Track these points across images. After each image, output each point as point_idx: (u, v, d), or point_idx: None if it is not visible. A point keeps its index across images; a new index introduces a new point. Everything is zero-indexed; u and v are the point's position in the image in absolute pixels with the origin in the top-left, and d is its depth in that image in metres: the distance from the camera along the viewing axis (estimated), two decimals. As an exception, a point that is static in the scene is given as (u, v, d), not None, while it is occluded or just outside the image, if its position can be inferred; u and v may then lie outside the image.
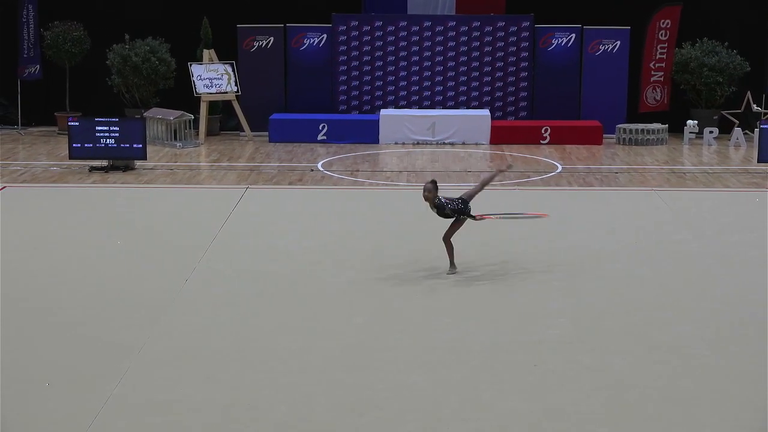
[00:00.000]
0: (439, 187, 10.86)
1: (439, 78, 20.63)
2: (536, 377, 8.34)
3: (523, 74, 20.52)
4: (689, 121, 19.89)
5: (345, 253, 11.91)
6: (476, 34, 20.46)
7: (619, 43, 20.33)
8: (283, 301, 10.25)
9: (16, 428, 7.39)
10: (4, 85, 20.74)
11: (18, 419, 7.51)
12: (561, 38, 20.40)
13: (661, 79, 20.63)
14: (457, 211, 10.85)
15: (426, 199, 10.84)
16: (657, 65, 20.59)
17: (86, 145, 16.46)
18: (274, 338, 9.19)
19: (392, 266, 11.45)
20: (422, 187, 10.93)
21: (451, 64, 20.57)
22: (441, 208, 10.86)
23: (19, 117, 20.63)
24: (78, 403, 7.76)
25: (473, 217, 11.00)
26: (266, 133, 19.84)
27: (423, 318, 9.76)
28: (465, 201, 10.98)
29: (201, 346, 8.98)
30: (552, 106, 20.38)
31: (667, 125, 19.94)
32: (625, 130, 19.74)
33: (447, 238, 11.06)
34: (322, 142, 19.57)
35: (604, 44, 20.35)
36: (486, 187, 11.44)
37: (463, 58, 20.56)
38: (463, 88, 20.65)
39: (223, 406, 7.76)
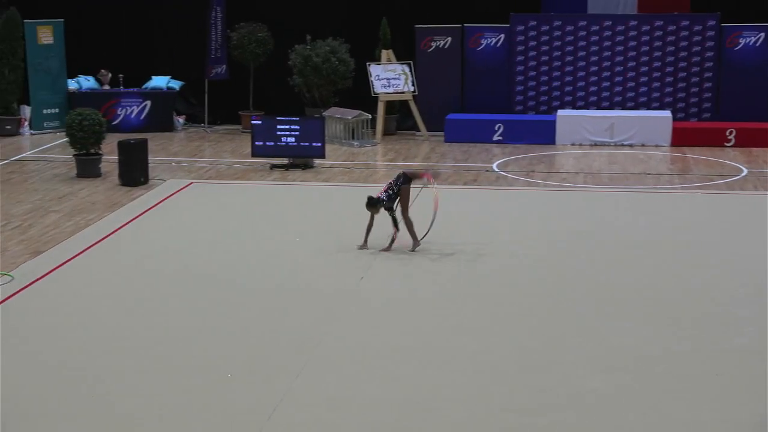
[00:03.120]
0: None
1: (618, 78, 20.21)
2: (718, 387, 8.05)
3: (708, 74, 19.86)
4: None
5: (519, 254, 11.82)
6: (659, 33, 19.93)
7: (812, 41, 19.42)
8: (459, 300, 10.24)
9: (197, 417, 7.65)
10: (194, 85, 21.52)
11: (199, 409, 7.77)
12: (749, 37, 19.63)
13: None
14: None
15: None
16: None
17: (268, 143, 16.90)
18: (450, 338, 9.20)
19: (569, 268, 11.30)
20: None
21: (631, 64, 20.11)
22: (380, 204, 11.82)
23: (206, 115, 21.37)
24: (257, 396, 7.97)
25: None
26: (442, 133, 19.89)
27: (602, 322, 9.58)
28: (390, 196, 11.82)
29: (377, 343, 9.07)
30: (738, 108, 19.62)
31: None
32: (817, 132, 18.83)
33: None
34: (497, 142, 19.48)
35: (796, 43, 19.48)
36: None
37: (644, 58, 20.07)
38: (643, 89, 20.16)
39: (399, 405, 7.81)
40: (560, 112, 19.78)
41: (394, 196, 11.88)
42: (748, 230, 12.83)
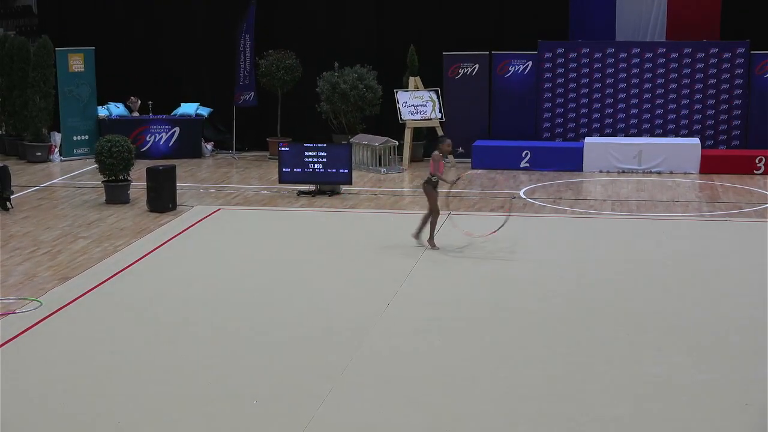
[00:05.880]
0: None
1: (647, 105, 20.14)
2: (748, 416, 7.96)
3: (737, 102, 19.77)
4: None
5: (548, 282, 11.77)
6: (687, 60, 19.87)
7: None
8: (486, 327, 10.20)
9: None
10: (222, 112, 21.67)
11: (227, 433, 7.79)
12: (779, 64, 19.55)
13: None
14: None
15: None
16: None
17: (295, 169, 16.97)
18: (475, 365, 9.16)
19: (596, 296, 11.23)
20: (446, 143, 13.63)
21: (659, 91, 20.06)
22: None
23: (234, 142, 21.50)
24: (284, 422, 7.96)
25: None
26: (469, 160, 19.90)
27: (630, 350, 9.51)
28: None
29: (402, 370, 9.04)
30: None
31: None
32: None
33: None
34: (524, 169, 19.46)
35: (828, 70, 19.35)
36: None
37: (673, 85, 20.00)
38: (671, 116, 20.09)
39: None
40: (588, 139, 19.73)
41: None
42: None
